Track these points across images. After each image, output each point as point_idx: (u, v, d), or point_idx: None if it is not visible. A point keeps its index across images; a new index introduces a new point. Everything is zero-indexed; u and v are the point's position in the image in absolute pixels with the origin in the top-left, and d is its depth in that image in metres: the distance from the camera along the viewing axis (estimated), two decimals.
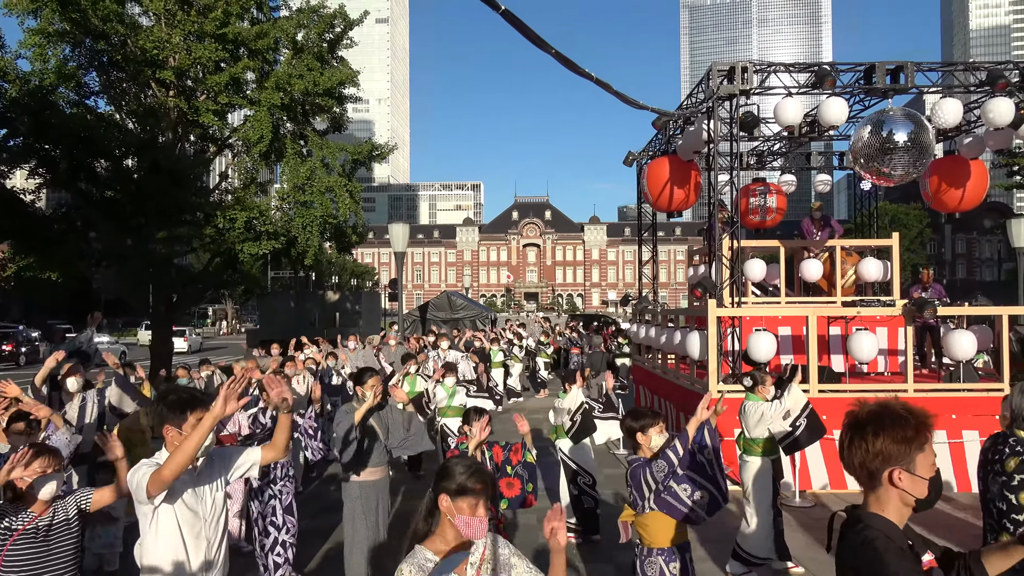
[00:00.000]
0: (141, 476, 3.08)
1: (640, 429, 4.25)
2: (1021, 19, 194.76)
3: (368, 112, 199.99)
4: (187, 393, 3.43)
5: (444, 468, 2.62)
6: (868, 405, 2.07)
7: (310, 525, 7.73)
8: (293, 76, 18.95)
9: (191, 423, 3.20)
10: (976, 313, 11.22)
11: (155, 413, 3.32)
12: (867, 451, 1.99)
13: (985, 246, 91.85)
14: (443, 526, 2.54)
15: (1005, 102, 9.65)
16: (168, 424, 3.27)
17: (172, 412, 3.27)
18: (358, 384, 5.68)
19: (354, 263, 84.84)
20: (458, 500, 2.51)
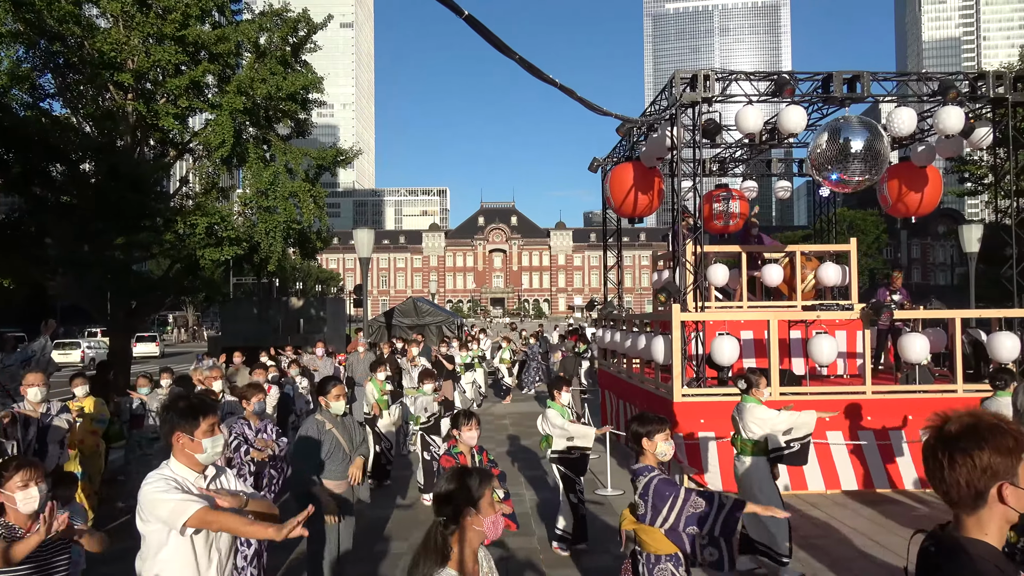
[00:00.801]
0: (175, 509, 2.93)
1: (647, 435, 4.11)
2: (970, 32, 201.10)
3: (333, 117, 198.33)
4: (197, 398, 3.32)
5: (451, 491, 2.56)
6: (956, 416, 1.90)
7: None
8: (256, 80, 18.71)
9: (204, 429, 3.13)
10: (930, 316, 11.53)
11: (164, 420, 3.20)
12: (974, 467, 1.79)
13: (938, 251, 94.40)
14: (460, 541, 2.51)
15: (956, 111, 9.95)
16: (179, 431, 3.13)
17: (184, 419, 3.14)
18: (321, 394, 5.52)
19: (318, 269, 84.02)
20: (480, 506, 2.53)
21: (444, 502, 2.55)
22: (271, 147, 20.06)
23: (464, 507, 2.50)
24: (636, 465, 4.16)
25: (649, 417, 4.24)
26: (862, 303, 10.88)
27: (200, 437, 3.12)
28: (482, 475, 2.61)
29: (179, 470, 3.13)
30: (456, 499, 2.52)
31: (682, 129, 10.18)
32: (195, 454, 3.13)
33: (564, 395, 7.28)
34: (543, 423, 7.25)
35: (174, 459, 3.16)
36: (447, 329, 26.06)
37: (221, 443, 3.20)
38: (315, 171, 21.12)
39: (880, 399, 9.57)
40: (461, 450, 5.17)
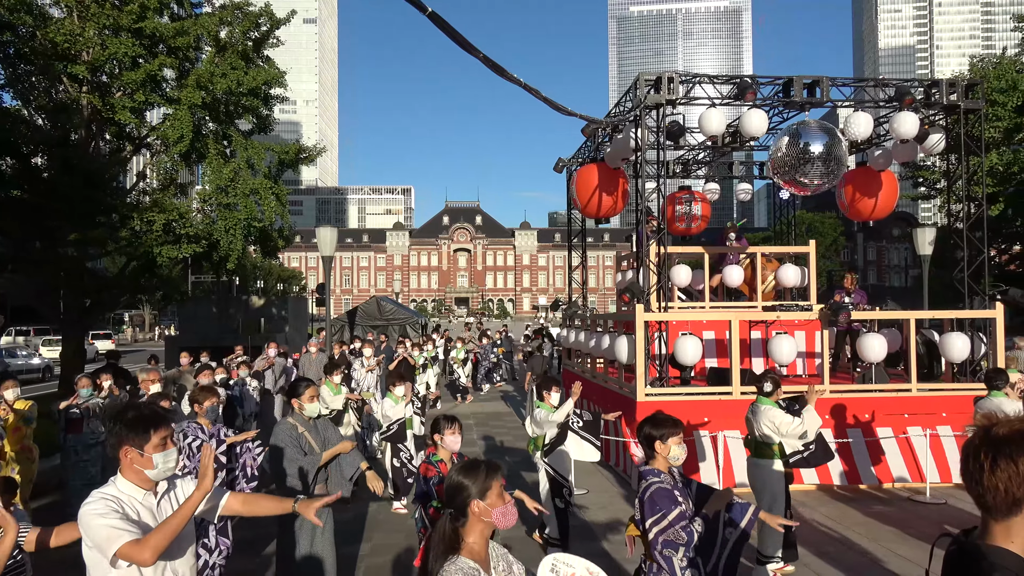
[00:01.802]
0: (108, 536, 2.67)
1: (660, 438, 3.90)
2: (924, 41, 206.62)
3: (295, 113, 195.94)
4: (148, 409, 3.02)
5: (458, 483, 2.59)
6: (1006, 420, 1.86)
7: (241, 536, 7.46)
8: (216, 75, 18.37)
9: (155, 444, 2.86)
10: (886, 317, 11.80)
11: (111, 432, 2.91)
12: (1016, 473, 1.75)
13: (893, 253, 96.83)
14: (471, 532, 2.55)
15: (911, 117, 10.19)
16: (127, 445, 2.85)
17: (132, 431, 2.86)
18: (294, 396, 5.32)
19: (280, 267, 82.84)
20: (487, 497, 2.54)
21: (453, 495, 2.58)
22: (232, 143, 19.73)
23: (472, 499, 2.53)
24: (644, 467, 3.98)
25: (663, 419, 4.02)
26: (820, 304, 11.09)
27: (150, 452, 2.86)
28: (489, 466, 2.63)
29: (126, 488, 2.88)
30: (464, 491, 2.55)
31: (646, 131, 10.25)
32: (144, 470, 2.87)
33: (554, 395, 7.08)
34: (532, 425, 7.03)
35: (121, 476, 2.89)
36: (411, 329, 25.90)
37: (174, 458, 2.95)
38: (277, 168, 20.84)
39: (838, 398, 9.77)
40: (441, 457, 4.86)
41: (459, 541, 2.52)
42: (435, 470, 4.78)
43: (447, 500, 2.61)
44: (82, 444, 8.65)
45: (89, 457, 8.67)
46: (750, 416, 6.51)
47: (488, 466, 2.63)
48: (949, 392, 10.02)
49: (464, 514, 2.54)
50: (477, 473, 2.59)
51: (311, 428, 5.29)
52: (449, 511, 2.58)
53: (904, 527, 7.85)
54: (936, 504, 8.80)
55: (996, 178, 23.37)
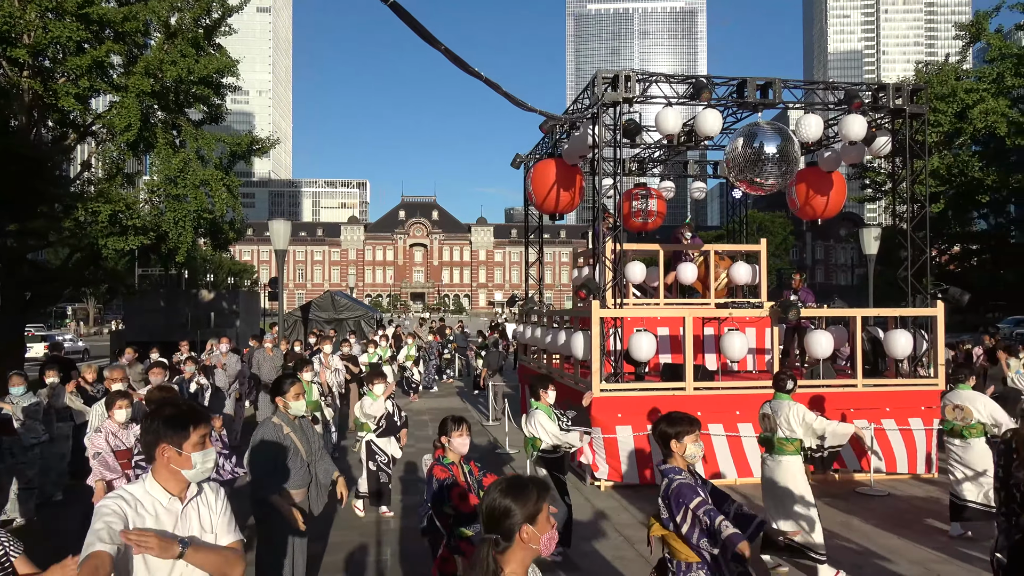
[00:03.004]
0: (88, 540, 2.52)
1: (675, 436, 3.87)
2: (871, 46, 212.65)
3: (248, 104, 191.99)
4: (187, 405, 2.90)
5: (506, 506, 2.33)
6: None
7: None
8: (165, 62, 17.87)
9: (194, 442, 2.73)
10: (833, 315, 12.11)
11: (148, 430, 2.75)
12: None
13: (840, 253, 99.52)
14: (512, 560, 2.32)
15: (859, 120, 10.47)
16: (165, 443, 2.71)
17: (171, 428, 2.72)
18: (278, 394, 5.04)
19: (231, 261, 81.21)
20: (537, 522, 2.33)
21: (498, 519, 2.33)
22: (181, 132, 19.23)
23: (523, 523, 2.30)
24: (664, 465, 3.93)
25: (678, 417, 3.96)
26: (771, 301, 11.33)
27: (189, 450, 2.72)
28: (540, 487, 2.39)
29: (153, 490, 2.72)
30: (513, 516, 2.31)
31: (603, 128, 10.32)
32: (182, 470, 2.73)
33: (550, 394, 7.00)
34: (529, 425, 6.88)
35: (152, 477, 2.75)
36: (365, 324, 25.65)
37: (212, 457, 2.81)
38: (229, 159, 20.38)
39: None
40: (452, 460, 4.67)
41: (500, 570, 2.30)
42: (448, 472, 4.57)
43: (489, 524, 2.36)
44: (18, 446, 8.08)
45: (27, 460, 8.14)
46: (768, 413, 6.53)
47: (538, 487, 2.40)
48: (893, 387, 10.34)
49: (510, 540, 2.31)
50: (527, 495, 2.34)
51: (296, 428, 5.02)
52: (493, 536, 2.33)
53: (851, 513, 8.08)
54: (879, 496, 9.08)
55: (939, 180, 24.20)
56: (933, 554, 6.93)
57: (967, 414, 7.33)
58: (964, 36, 27.34)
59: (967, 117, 23.99)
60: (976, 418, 7.31)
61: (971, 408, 7.33)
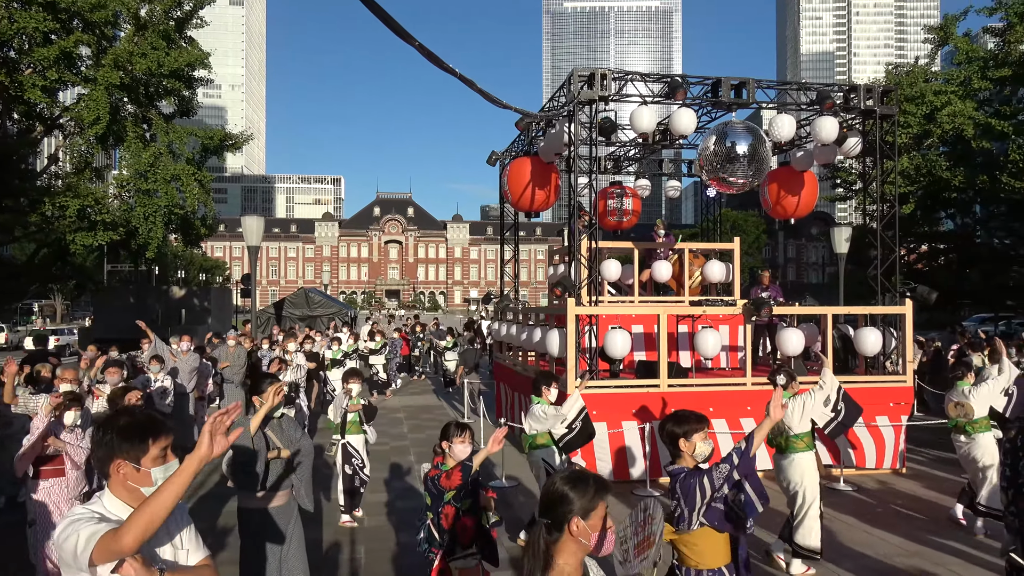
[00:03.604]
0: (84, 539, 2.20)
1: (684, 435, 3.78)
2: (842, 48, 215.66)
3: (220, 98, 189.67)
4: (145, 415, 2.58)
5: (562, 493, 2.31)
6: None
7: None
8: (135, 54, 17.61)
9: (154, 456, 2.43)
10: (805, 312, 12.27)
11: (100, 443, 2.45)
12: None
13: (812, 251, 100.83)
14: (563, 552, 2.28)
15: (831, 121, 10.61)
16: (120, 458, 2.41)
17: (126, 441, 2.42)
18: (255, 393, 4.92)
19: (203, 257, 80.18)
20: (590, 518, 2.28)
21: (552, 505, 2.30)
22: (152, 126, 18.97)
23: (573, 515, 2.27)
24: (673, 467, 3.83)
25: (686, 416, 3.87)
26: (743, 299, 11.44)
27: (148, 465, 2.43)
28: (599, 484, 2.35)
29: (113, 507, 2.40)
30: (566, 505, 2.28)
31: (579, 126, 10.34)
32: (141, 487, 2.42)
33: (552, 391, 6.91)
34: (531, 422, 6.80)
35: (109, 493, 2.43)
36: (340, 321, 25.46)
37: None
38: (201, 154, 20.14)
39: (759, 390, 10.09)
40: (451, 466, 4.58)
41: (551, 558, 2.26)
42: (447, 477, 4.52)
43: (543, 509, 2.33)
44: None
45: None
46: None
47: (597, 483, 2.34)
48: (863, 384, 10.49)
49: (560, 529, 2.28)
50: (585, 488, 2.30)
51: (275, 426, 4.91)
52: (545, 521, 2.30)
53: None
54: (849, 491, 9.23)
55: (908, 180, 24.62)
56: (913, 547, 7.06)
57: (968, 410, 7.45)
58: (933, 39, 27.84)
59: (935, 119, 24.44)
60: (978, 413, 7.45)
61: (971, 404, 7.46)
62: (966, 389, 7.62)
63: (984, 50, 26.46)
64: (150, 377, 10.38)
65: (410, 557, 6.88)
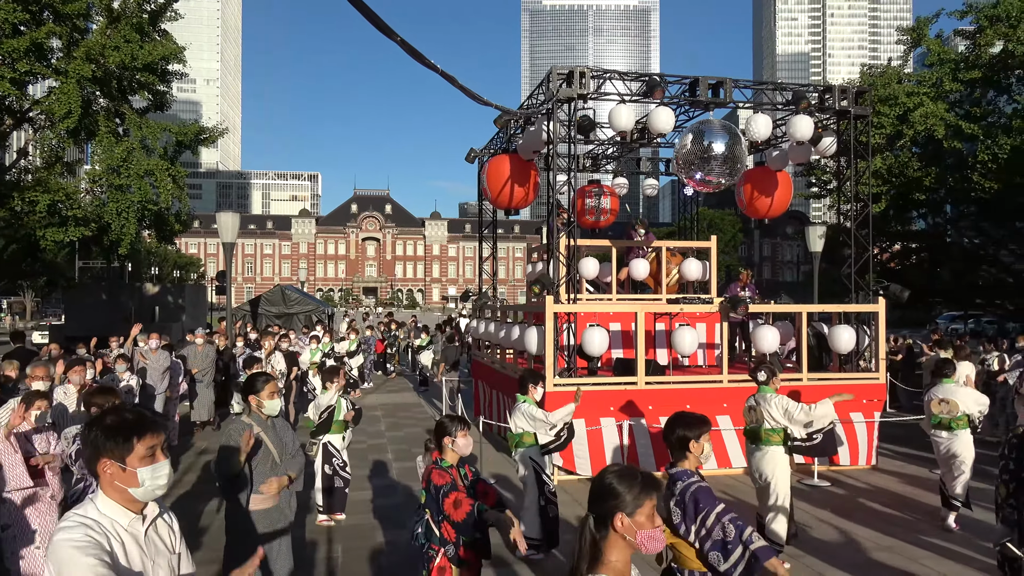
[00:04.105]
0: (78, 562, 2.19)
1: (695, 438, 3.78)
2: (817, 49, 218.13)
3: (195, 92, 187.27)
4: (132, 412, 2.51)
5: (607, 486, 2.29)
6: None
7: None
8: (108, 47, 17.32)
9: (140, 455, 2.38)
10: (780, 310, 12.40)
11: (87, 442, 2.41)
12: None
13: (787, 250, 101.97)
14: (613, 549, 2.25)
15: (806, 121, 10.72)
16: (106, 457, 2.36)
17: (112, 440, 2.37)
18: (251, 393, 4.72)
19: (177, 254, 79.16)
20: (636, 515, 2.25)
21: (599, 499, 2.29)
22: (125, 120, 18.69)
23: (619, 511, 2.25)
24: (675, 469, 3.81)
25: (694, 418, 3.87)
26: (720, 297, 11.53)
27: (135, 465, 2.37)
28: (647, 481, 2.32)
29: (109, 510, 2.37)
30: (613, 499, 2.26)
31: (558, 124, 10.36)
32: (128, 488, 2.37)
33: (539, 390, 6.91)
34: (518, 421, 6.77)
35: (102, 495, 2.39)
36: (316, 319, 25.29)
37: (165, 472, 2.46)
38: (175, 149, 19.88)
39: (736, 387, 10.20)
40: (450, 463, 4.46)
41: (600, 552, 2.25)
42: (448, 476, 4.38)
43: (592, 502, 2.32)
44: None
45: None
46: (753, 405, 6.67)
47: (646, 480, 2.31)
48: (837, 381, 10.63)
49: (605, 525, 2.26)
50: (633, 483, 2.28)
51: (268, 428, 4.70)
52: (593, 515, 2.29)
53: (799, 502, 8.30)
54: (823, 486, 9.35)
55: (881, 180, 24.97)
56: (887, 540, 7.17)
57: (953, 407, 7.57)
58: (906, 41, 28.25)
59: (908, 120, 24.81)
60: (962, 410, 7.57)
61: (956, 401, 7.59)
62: (951, 386, 7.75)
63: (955, 52, 26.90)
64: (115, 376, 10.17)
65: (389, 555, 6.85)
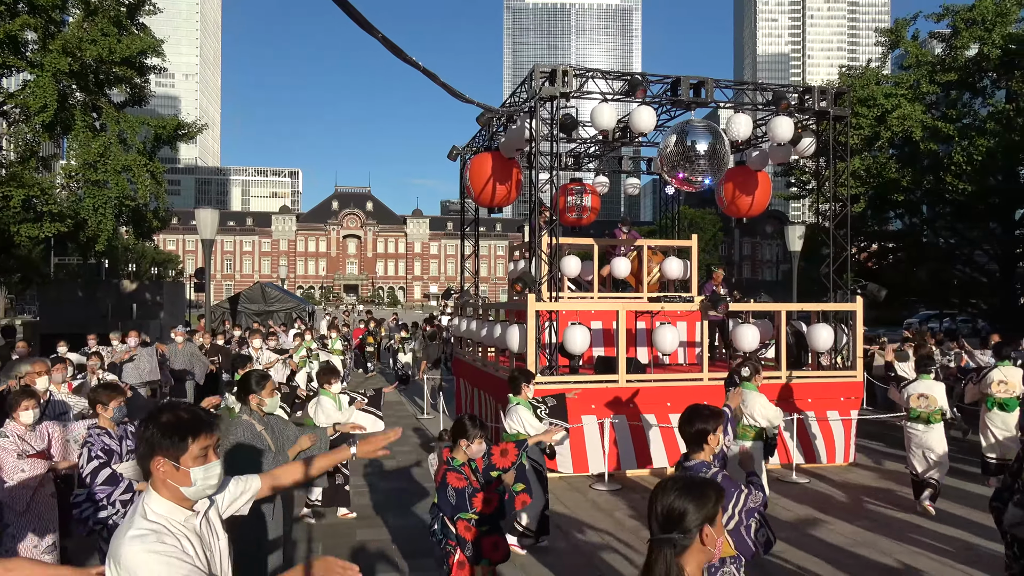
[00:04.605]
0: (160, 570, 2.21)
1: (712, 431, 3.87)
2: (797, 50, 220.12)
3: (174, 87, 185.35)
4: (188, 411, 2.50)
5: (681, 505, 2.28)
6: None
7: None
8: (85, 40, 17.07)
9: (194, 454, 2.38)
10: (759, 309, 12.51)
11: (142, 439, 2.41)
12: None
13: (766, 249, 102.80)
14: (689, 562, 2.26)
15: (787, 121, 10.82)
16: (160, 455, 2.37)
17: (167, 438, 2.37)
18: (250, 392, 4.68)
19: (155, 250, 78.18)
20: (716, 523, 2.29)
21: (679, 519, 2.26)
22: (102, 115, 18.43)
23: (702, 524, 2.26)
24: (691, 462, 3.88)
25: (709, 412, 3.96)
26: (701, 296, 11.61)
27: (188, 464, 2.38)
28: (716, 489, 2.34)
29: (165, 510, 2.36)
30: (693, 515, 2.26)
31: (540, 122, 10.36)
32: (180, 487, 2.38)
33: (531, 389, 6.96)
34: (512, 421, 6.79)
35: (155, 494, 2.38)
36: (297, 316, 25.13)
37: (217, 473, 2.47)
38: (153, 144, 19.64)
39: (716, 385, 10.27)
40: (462, 460, 4.49)
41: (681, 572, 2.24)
42: (464, 479, 4.36)
43: (665, 525, 2.28)
44: None
45: None
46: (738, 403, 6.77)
47: (715, 489, 2.34)
48: (815, 379, 10.75)
49: (687, 541, 2.26)
50: (706, 497, 2.30)
51: (268, 426, 4.69)
52: (671, 536, 2.26)
53: (776, 498, 8.39)
54: (801, 483, 9.45)
55: (859, 181, 25.25)
56: (865, 536, 7.26)
57: (931, 402, 7.91)
58: (884, 43, 28.57)
59: (886, 121, 25.10)
60: (939, 405, 7.91)
61: (935, 396, 7.92)
62: (930, 382, 8.06)
63: (932, 55, 27.25)
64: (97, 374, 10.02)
65: (367, 554, 6.84)
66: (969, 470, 9.72)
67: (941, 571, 6.37)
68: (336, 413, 7.50)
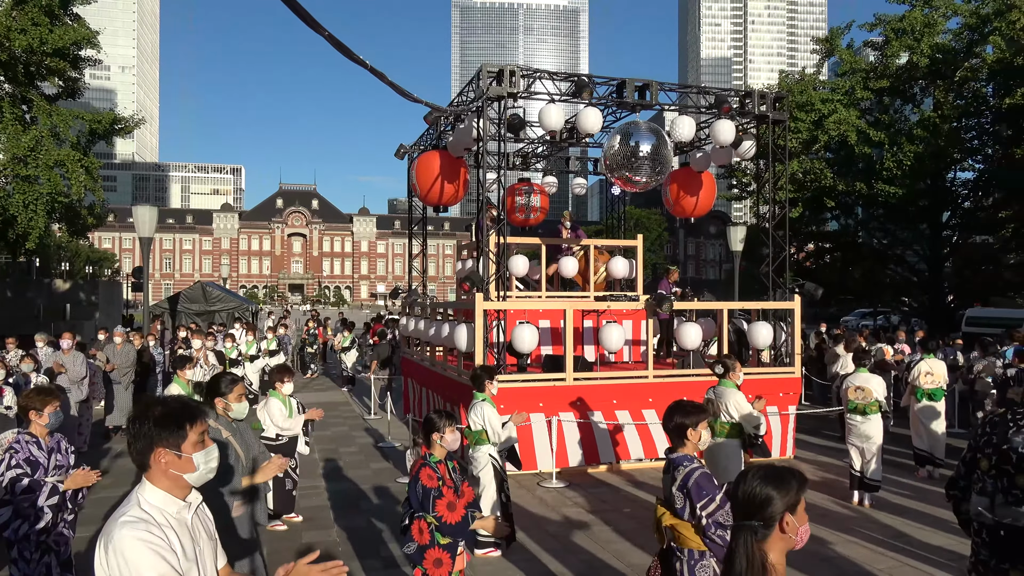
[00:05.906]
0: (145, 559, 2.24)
1: (692, 426, 3.90)
2: (739, 54, 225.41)
3: (110, 80, 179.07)
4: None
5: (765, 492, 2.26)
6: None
7: None
8: (13, 30, 16.37)
9: (193, 441, 2.45)
10: (703, 308, 12.78)
11: (138, 435, 2.42)
12: None
13: (709, 249, 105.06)
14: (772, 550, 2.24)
15: (728, 124, 11.08)
16: (160, 447, 2.40)
17: (165, 429, 2.41)
18: (217, 396, 4.53)
19: (90, 248, 75.47)
20: (798, 511, 2.26)
21: (761, 506, 2.24)
22: (32, 108, 17.72)
23: (784, 511, 2.24)
24: (675, 454, 3.93)
25: (691, 407, 4.03)
26: (646, 295, 11.81)
27: (190, 451, 2.44)
28: (799, 478, 2.30)
29: (159, 501, 2.40)
30: (776, 503, 2.24)
31: (488, 122, 10.39)
32: (184, 474, 2.44)
33: (495, 385, 6.93)
34: (474, 416, 6.74)
35: (151, 486, 2.41)
36: (240, 316, 24.58)
37: (216, 456, 2.54)
38: (87, 138, 18.97)
39: (660, 382, 10.47)
40: (439, 458, 4.42)
41: (766, 560, 2.21)
42: (436, 476, 4.28)
43: (747, 512, 2.27)
44: None
45: None
46: (711, 398, 6.87)
47: (797, 477, 2.30)
48: (755, 375, 11.05)
49: (769, 528, 2.24)
50: (788, 484, 2.26)
51: (235, 432, 4.50)
52: (753, 524, 2.24)
53: None
54: None
55: (796, 184, 26.02)
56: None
57: (868, 394, 8.22)
58: (820, 50, 29.49)
59: (823, 126, 25.91)
60: (875, 397, 8.24)
61: (870, 389, 8.25)
62: (866, 375, 8.40)
63: (866, 62, 28.23)
64: (23, 379, 9.62)
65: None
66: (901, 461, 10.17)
67: (874, 559, 6.63)
68: (284, 420, 7.35)
